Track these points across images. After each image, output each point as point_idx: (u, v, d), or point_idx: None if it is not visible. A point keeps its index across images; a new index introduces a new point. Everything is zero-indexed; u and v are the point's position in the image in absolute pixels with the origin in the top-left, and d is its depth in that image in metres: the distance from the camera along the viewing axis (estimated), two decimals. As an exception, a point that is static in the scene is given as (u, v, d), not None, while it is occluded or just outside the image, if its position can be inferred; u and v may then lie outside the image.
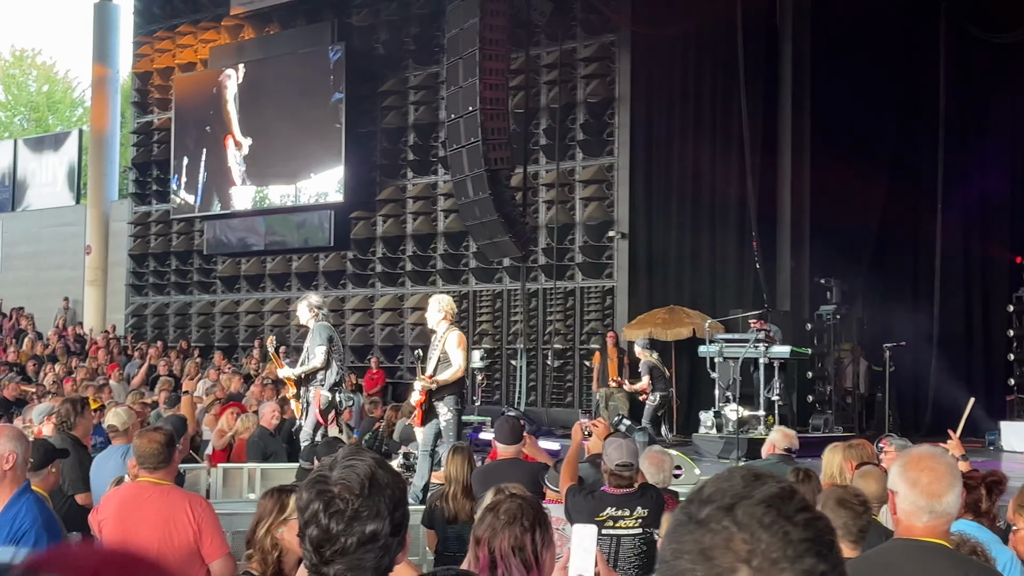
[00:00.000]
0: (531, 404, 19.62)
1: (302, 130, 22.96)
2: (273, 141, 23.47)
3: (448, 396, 9.53)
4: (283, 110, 23.29)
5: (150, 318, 26.42)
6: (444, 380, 9.46)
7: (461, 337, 9.71)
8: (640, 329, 17.99)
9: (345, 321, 22.99)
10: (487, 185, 16.72)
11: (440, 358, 9.56)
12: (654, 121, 19.35)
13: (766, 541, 1.29)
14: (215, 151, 24.44)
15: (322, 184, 22.66)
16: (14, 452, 4.47)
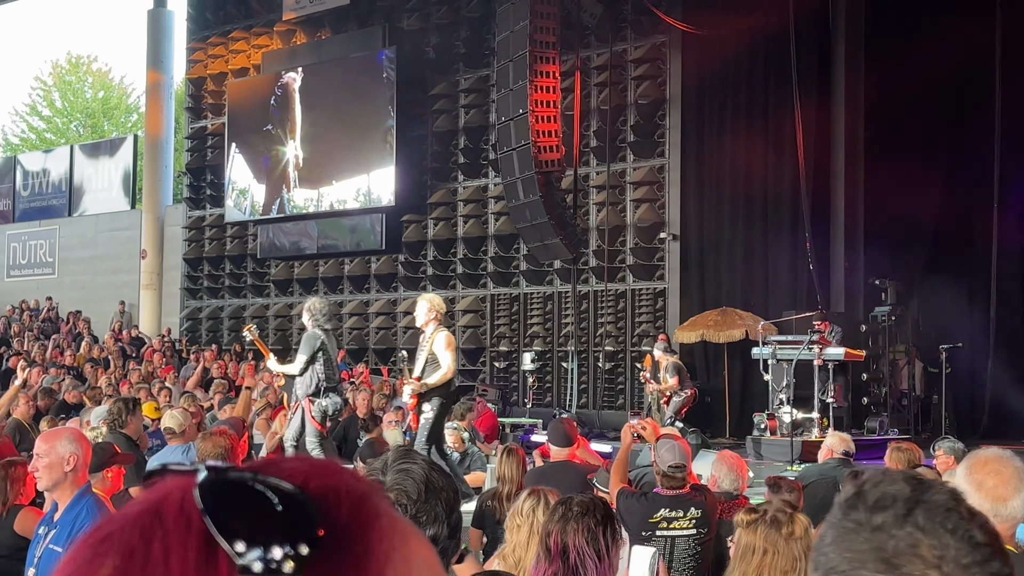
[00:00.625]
0: (582, 406, 19.61)
1: (354, 134, 23.14)
2: (325, 145, 23.68)
3: (435, 397, 9.45)
4: (335, 114, 23.49)
5: (204, 321, 26.73)
6: (433, 383, 9.36)
7: (450, 338, 9.64)
8: (692, 331, 17.94)
9: (396, 324, 23.14)
10: (538, 187, 16.75)
11: (428, 359, 9.46)
12: (705, 122, 19.26)
13: (954, 546, 1.28)
14: (271, 155, 24.69)
15: (374, 187, 22.81)
16: (75, 454, 4.56)
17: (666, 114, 19.61)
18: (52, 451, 4.55)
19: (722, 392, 18.29)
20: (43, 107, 47.98)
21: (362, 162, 22.97)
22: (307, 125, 24.09)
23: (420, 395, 9.43)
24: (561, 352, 20.71)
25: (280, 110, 24.54)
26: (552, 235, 17.18)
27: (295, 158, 24.16)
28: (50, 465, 4.53)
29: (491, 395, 19.43)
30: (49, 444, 4.59)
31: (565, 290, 20.54)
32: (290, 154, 24.25)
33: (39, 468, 4.56)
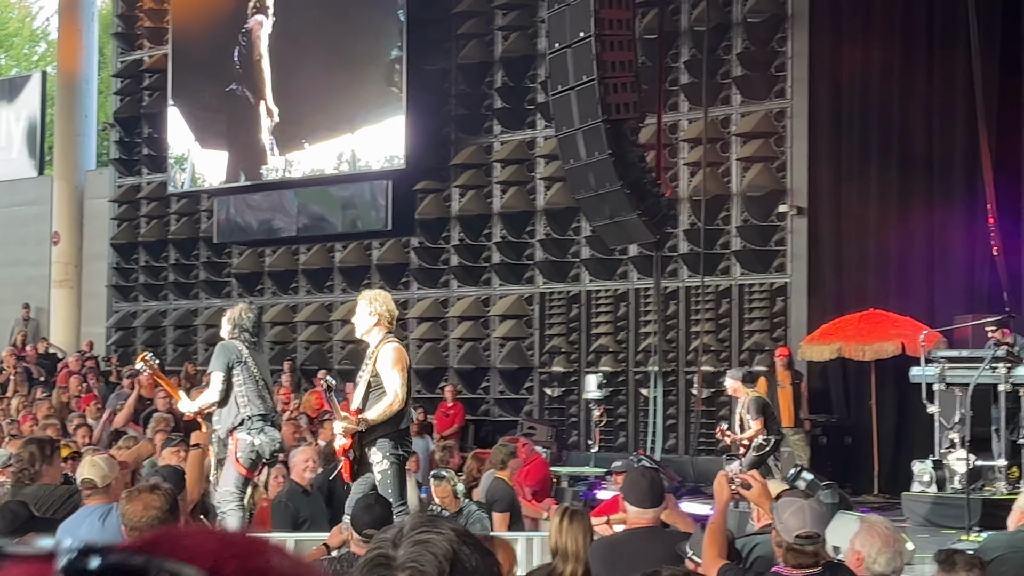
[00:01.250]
0: (670, 450, 19.59)
1: (346, 70, 23.24)
2: (308, 87, 23.80)
3: (381, 438, 9.39)
4: (321, 42, 23.59)
5: (141, 331, 26.96)
6: (376, 418, 9.30)
7: (400, 352, 9.58)
8: (824, 344, 17.87)
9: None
10: (606, 142, 16.73)
11: (372, 383, 9.46)
12: (844, 50, 19.15)
13: None
14: (230, 99, 24.85)
15: (376, 144, 22.88)
16: None
17: (788, 37, 19.53)
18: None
19: (868, 430, 18.18)
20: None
21: (359, 109, 23.04)
22: (282, 68, 24.19)
23: (361, 438, 9.42)
24: (639, 374, 20.70)
25: (244, 57, 24.68)
26: (627, 209, 17.15)
27: (267, 112, 24.22)
28: None
29: (541, 435, 19.48)
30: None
31: (646, 286, 20.52)
32: (261, 109, 24.34)
33: None
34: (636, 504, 6.89)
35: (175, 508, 5.61)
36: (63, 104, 28.98)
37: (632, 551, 6.59)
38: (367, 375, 9.48)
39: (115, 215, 27.53)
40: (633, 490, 6.94)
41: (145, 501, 5.49)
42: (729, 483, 6.42)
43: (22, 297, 28.39)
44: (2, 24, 48.28)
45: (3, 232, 29.77)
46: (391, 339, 9.62)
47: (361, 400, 9.44)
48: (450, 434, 19.77)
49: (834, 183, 19.20)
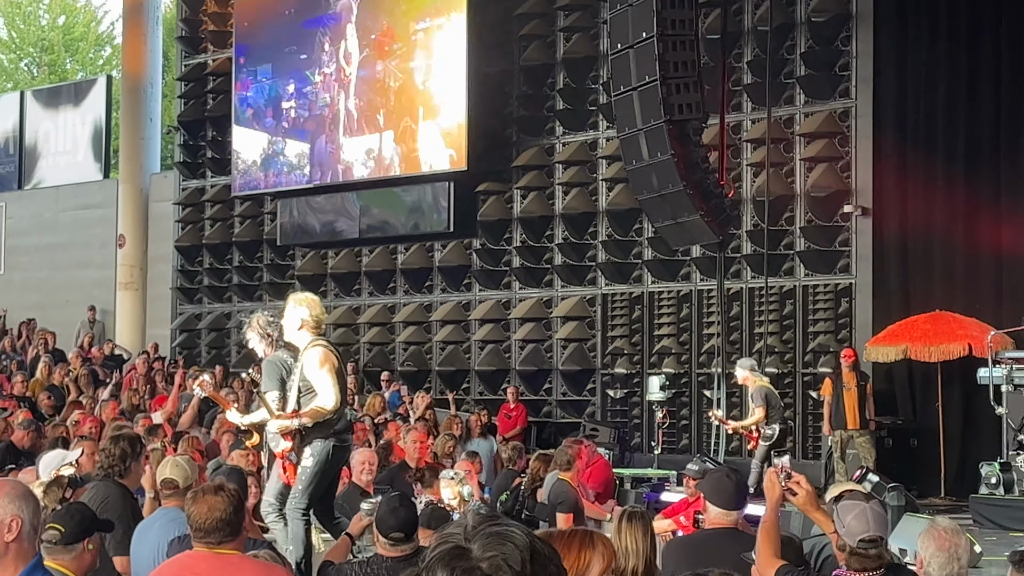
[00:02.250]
0: (733, 452, 19.52)
1: (406, 72, 23.31)
2: (364, 89, 23.93)
3: (315, 439, 9.39)
4: (378, 46, 23.70)
5: (205, 333, 27.18)
6: (311, 413, 9.30)
7: (325, 353, 9.51)
8: (891, 345, 17.77)
9: (470, 336, 23.28)
10: (669, 143, 16.70)
11: (303, 387, 9.45)
12: (910, 48, 19.06)
13: None
14: (305, 102, 25.01)
15: (437, 146, 22.95)
16: (17, 517, 4.57)
17: (852, 36, 19.45)
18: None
19: (935, 432, 18.08)
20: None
21: (421, 110, 23.11)
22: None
23: (301, 438, 9.39)
24: (703, 375, 20.66)
25: (320, 45, 24.83)
26: (690, 210, 17.12)
27: (344, 112, 24.33)
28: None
29: (603, 436, 19.47)
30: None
31: (709, 288, 20.47)
32: (340, 105, 24.45)
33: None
34: (721, 505, 6.86)
35: (240, 509, 5.63)
36: (128, 108, 29.20)
37: (712, 550, 6.58)
38: (296, 380, 9.45)
39: (179, 218, 27.75)
40: (719, 491, 6.91)
41: (210, 503, 5.52)
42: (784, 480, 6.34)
43: (88, 299, 28.65)
44: (68, 28, 48.75)
45: (69, 235, 30.06)
46: (317, 341, 9.56)
47: (295, 404, 9.42)
48: (512, 435, 19.78)
49: (899, 183, 19.09)
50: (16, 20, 48.58)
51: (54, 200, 30.74)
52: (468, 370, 23.23)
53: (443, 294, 23.88)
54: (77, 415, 17.15)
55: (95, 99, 31.05)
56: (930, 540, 5.97)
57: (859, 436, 17.56)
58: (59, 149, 31.36)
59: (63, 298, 29.31)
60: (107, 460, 8.24)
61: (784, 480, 6.17)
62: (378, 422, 17.44)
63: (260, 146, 25.64)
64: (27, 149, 31.80)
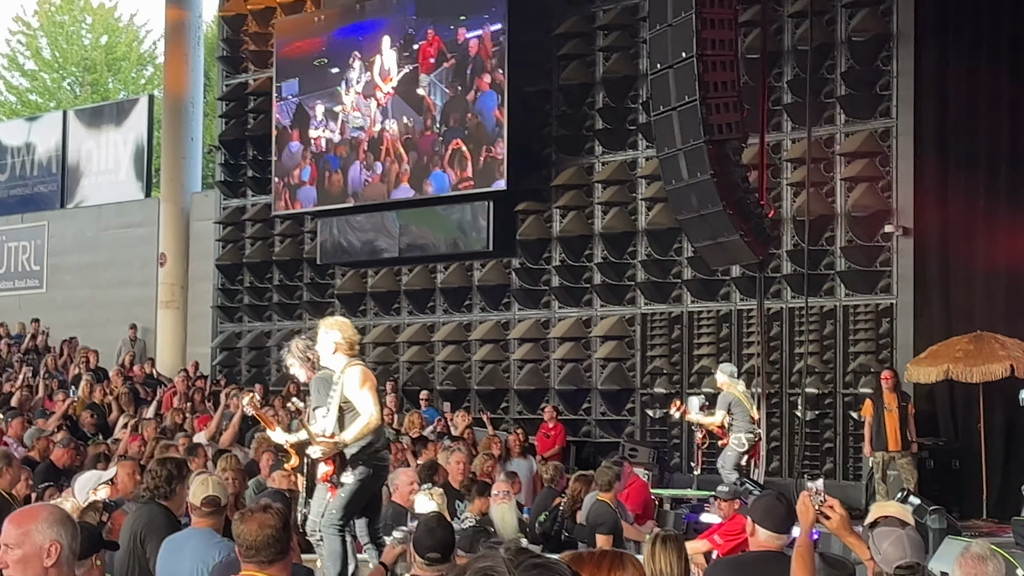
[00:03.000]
0: (773, 473, 19.47)
1: (445, 92, 23.38)
2: (402, 108, 24.04)
3: (356, 458, 9.40)
4: (408, 67, 23.78)
5: (245, 352, 27.28)
6: (354, 438, 9.27)
7: (365, 373, 9.51)
8: (932, 366, 17.68)
9: (510, 355, 23.28)
10: (708, 162, 16.68)
11: (343, 407, 9.42)
12: (951, 68, 19.00)
13: None
14: (340, 123, 25.10)
15: (476, 165, 23.00)
16: (56, 542, 4.56)
17: (893, 55, 19.41)
18: (26, 540, 4.55)
19: (977, 454, 17.95)
20: (26, 58, 49.50)
21: (459, 129, 23.17)
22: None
23: (339, 461, 9.34)
24: (743, 396, 20.62)
25: (354, 66, 24.93)
26: (730, 230, 17.09)
27: (384, 133, 24.39)
28: (24, 559, 4.53)
29: (642, 456, 19.44)
30: (22, 529, 4.57)
31: (749, 307, 20.42)
32: (377, 126, 24.53)
33: (9, 564, 4.55)
34: (773, 529, 6.80)
35: (287, 527, 5.67)
36: (169, 127, 29.40)
37: (760, 572, 6.55)
38: (336, 400, 9.42)
39: (220, 236, 27.88)
40: (770, 515, 6.85)
41: (259, 520, 5.54)
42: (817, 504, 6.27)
43: (129, 318, 28.82)
44: (111, 48, 49.13)
45: (111, 253, 30.26)
46: (355, 362, 9.56)
47: (332, 424, 9.41)
48: (551, 455, 19.77)
49: (941, 203, 19.02)
50: (59, 40, 49.01)
51: (96, 219, 30.96)
52: (507, 389, 23.24)
53: (482, 313, 23.90)
54: (119, 433, 17.29)
55: (137, 118, 31.28)
56: (958, 567, 5.95)
57: (900, 458, 17.48)
58: (101, 168, 31.59)
59: (104, 317, 29.51)
60: (153, 482, 8.28)
61: (818, 504, 6.12)
62: (415, 439, 17.45)
63: (296, 168, 25.73)
64: (70, 168, 32.05)
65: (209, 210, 28.45)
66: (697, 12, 16.33)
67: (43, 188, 32.49)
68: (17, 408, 20.39)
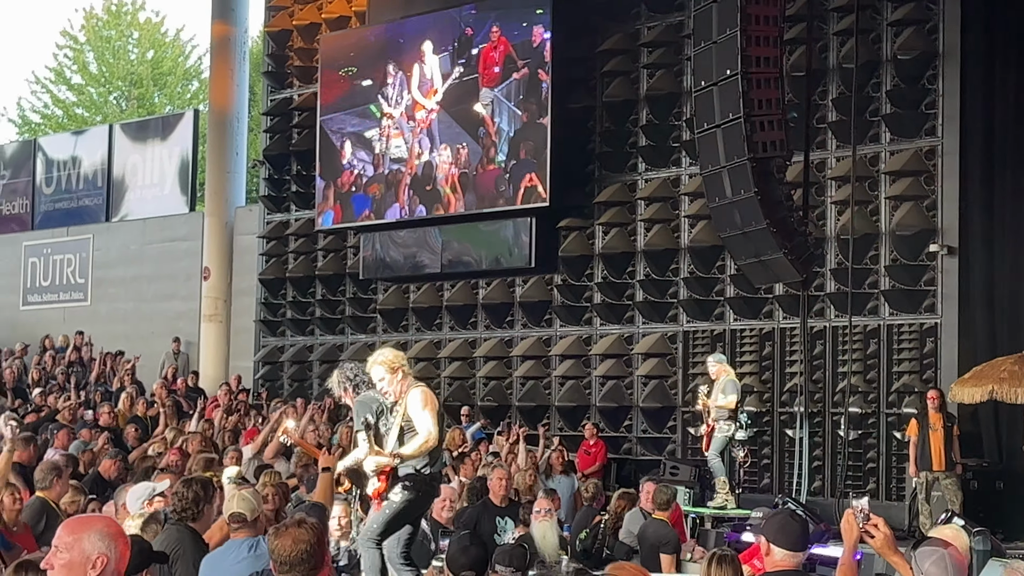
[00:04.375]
0: (815, 493, 19.39)
1: (488, 106, 23.40)
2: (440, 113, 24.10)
3: (408, 478, 9.33)
4: (461, 79, 23.81)
5: (287, 366, 27.36)
6: (411, 453, 9.22)
7: (426, 393, 9.41)
8: (977, 387, 17.55)
9: (551, 372, 23.27)
10: (752, 180, 16.65)
11: (404, 427, 9.35)
12: (997, 86, 18.93)
13: None
14: (384, 136, 25.17)
15: (502, 164, 23.00)
16: (104, 555, 4.61)
17: (938, 74, 19.34)
18: (75, 546, 4.60)
19: (1021, 474, 17.88)
20: (73, 72, 49.87)
21: (501, 146, 23.21)
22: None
23: (392, 477, 9.27)
24: (785, 415, 20.53)
25: (392, 78, 24.99)
26: (773, 248, 17.05)
27: (431, 166, 24.41)
28: (70, 565, 4.58)
29: (683, 475, 19.37)
30: (75, 536, 4.63)
31: (792, 326, 20.36)
32: (418, 157, 24.55)
33: (55, 566, 4.60)
34: (788, 547, 6.76)
35: (322, 543, 5.66)
36: (214, 141, 29.56)
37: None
38: (398, 420, 9.34)
39: (263, 251, 28.00)
40: (785, 533, 6.81)
41: (294, 536, 5.53)
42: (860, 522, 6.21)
43: (173, 331, 28.98)
44: (157, 63, 49.46)
45: (156, 267, 30.43)
46: (417, 384, 9.49)
47: (396, 444, 9.36)
48: (592, 472, 19.74)
49: (986, 222, 18.95)
50: (106, 54, 49.37)
51: (141, 232, 31.14)
52: (548, 406, 23.23)
53: (524, 329, 23.91)
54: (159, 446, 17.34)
55: (182, 133, 31.45)
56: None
57: (945, 478, 17.38)
58: (146, 182, 31.78)
59: (148, 330, 29.67)
60: (180, 504, 8.29)
61: (862, 522, 6.07)
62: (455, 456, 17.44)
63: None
64: (115, 182, 32.25)
65: (253, 224, 28.58)
66: (742, 30, 16.33)
67: (89, 201, 32.70)
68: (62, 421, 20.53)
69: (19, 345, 29.51)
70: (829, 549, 14.80)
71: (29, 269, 33.29)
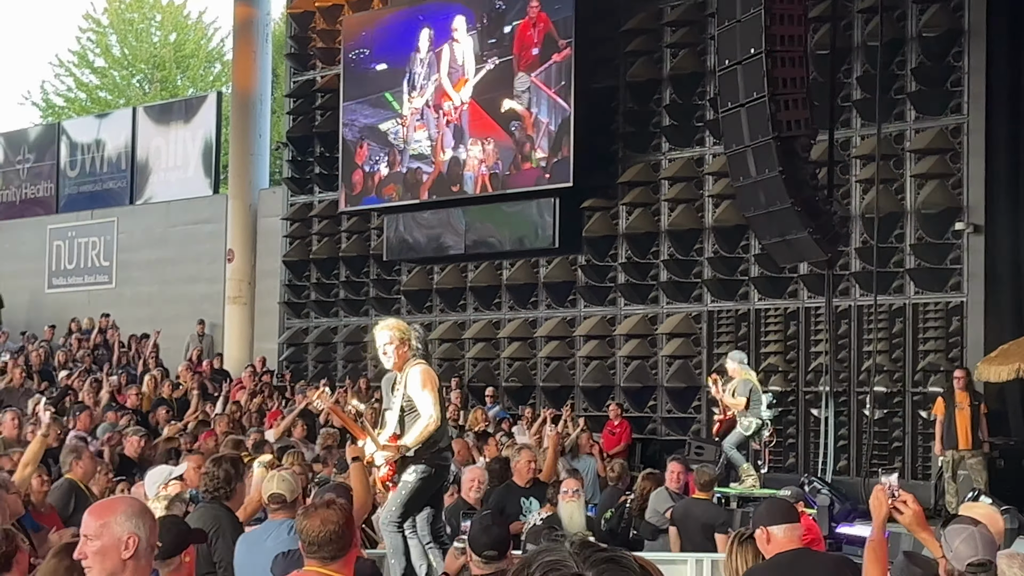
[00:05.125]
0: (840, 472, 19.36)
1: (511, 88, 23.37)
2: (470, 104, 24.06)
3: (418, 462, 9.30)
4: (485, 62, 23.78)
5: (312, 347, 27.42)
6: (415, 442, 9.18)
7: (427, 372, 9.32)
8: (1003, 365, 17.50)
9: (575, 352, 23.27)
10: (777, 159, 16.60)
11: (405, 407, 9.31)
12: (1023, 64, 18.83)
13: None
14: (403, 120, 25.17)
15: (542, 162, 22.99)
16: (135, 535, 4.61)
17: (964, 51, 19.26)
18: (105, 530, 4.60)
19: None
20: (96, 56, 50.01)
21: (529, 126, 23.17)
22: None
23: (399, 461, 9.29)
24: (810, 394, 20.50)
25: (416, 63, 24.98)
26: (798, 227, 17.01)
27: (458, 166, 24.42)
28: (103, 551, 4.58)
29: (708, 455, 19.36)
30: (101, 521, 4.63)
31: (817, 305, 20.31)
32: (443, 153, 24.54)
33: (87, 554, 4.60)
34: (782, 520, 6.72)
35: (351, 523, 5.68)
36: (238, 124, 29.63)
37: (795, 572, 6.49)
38: (399, 400, 9.30)
39: (287, 233, 28.05)
40: (774, 511, 6.79)
41: (322, 516, 5.56)
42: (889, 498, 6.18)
43: (197, 313, 29.07)
44: (180, 46, 49.55)
45: (180, 249, 30.52)
46: (417, 361, 9.39)
47: (397, 425, 9.35)
48: (616, 452, 19.75)
49: (1012, 200, 18.88)
50: (129, 37, 49.49)
51: (165, 215, 31.23)
52: (572, 386, 23.23)
53: (548, 310, 23.91)
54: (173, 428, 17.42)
55: (205, 115, 31.52)
56: (1014, 562, 5.92)
57: (971, 457, 17.35)
58: (170, 165, 31.86)
59: (172, 312, 29.76)
60: (212, 483, 8.33)
61: (891, 497, 6.06)
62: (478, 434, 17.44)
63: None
64: (139, 165, 32.35)
65: (276, 206, 28.62)
66: (766, 8, 16.25)
67: (113, 184, 32.81)
68: (84, 402, 20.65)
69: (47, 328, 29.67)
70: (855, 528, 14.83)
71: (54, 252, 33.42)
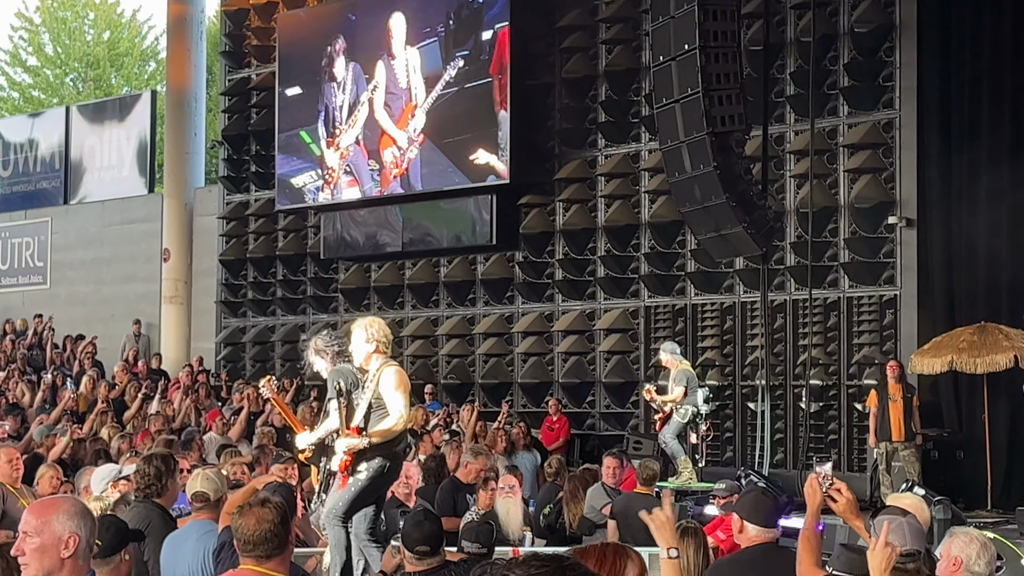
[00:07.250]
0: (777, 465, 19.49)
1: (446, 84, 23.35)
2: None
3: (376, 456, 9.34)
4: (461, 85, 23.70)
5: (249, 347, 27.31)
6: (380, 434, 9.27)
7: (400, 374, 9.45)
8: (936, 357, 17.70)
9: (513, 348, 23.30)
10: (711, 155, 16.68)
11: (373, 404, 9.38)
12: (953, 59, 19.00)
13: None
14: (341, 116, 25.10)
15: (479, 159, 22.99)
16: (75, 534, 4.62)
17: (895, 47, 19.43)
18: (45, 529, 4.61)
19: (981, 444, 17.99)
20: (28, 54, 49.57)
21: (461, 122, 23.14)
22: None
23: (360, 455, 9.30)
24: (747, 388, 20.62)
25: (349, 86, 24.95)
26: (733, 222, 17.09)
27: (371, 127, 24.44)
28: (42, 548, 4.58)
29: (647, 449, 19.46)
30: (42, 519, 4.63)
31: (752, 300, 20.44)
32: (381, 112, 24.53)
33: (26, 551, 4.60)
34: (761, 523, 6.82)
35: (287, 522, 5.66)
36: (173, 122, 29.46)
37: (759, 567, 6.56)
38: (368, 396, 9.33)
39: (224, 232, 27.91)
40: (759, 510, 6.88)
41: (257, 515, 5.54)
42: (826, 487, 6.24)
43: (133, 313, 28.90)
44: (113, 44, 49.20)
45: (115, 249, 30.31)
46: (392, 362, 9.49)
47: (362, 420, 9.38)
48: (555, 448, 19.81)
49: (944, 194, 19.05)
50: (62, 36, 49.10)
51: (99, 215, 31.01)
52: (511, 383, 23.27)
53: (486, 307, 23.93)
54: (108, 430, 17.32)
55: (140, 114, 31.31)
56: (972, 542, 6.03)
57: (904, 448, 17.52)
58: (104, 164, 31.63)
59: (108, 312, 29.58)
60: (143, 481, 8.32)
61: (826, 487, 6.13)
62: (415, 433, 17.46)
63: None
64: (73, 164, 32.09)
65: (212, 205, 28.49)
66: (699, 4, 16.32)
67: (46, 184, 32.54)
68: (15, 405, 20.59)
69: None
70: (792, 520, 14.93)
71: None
